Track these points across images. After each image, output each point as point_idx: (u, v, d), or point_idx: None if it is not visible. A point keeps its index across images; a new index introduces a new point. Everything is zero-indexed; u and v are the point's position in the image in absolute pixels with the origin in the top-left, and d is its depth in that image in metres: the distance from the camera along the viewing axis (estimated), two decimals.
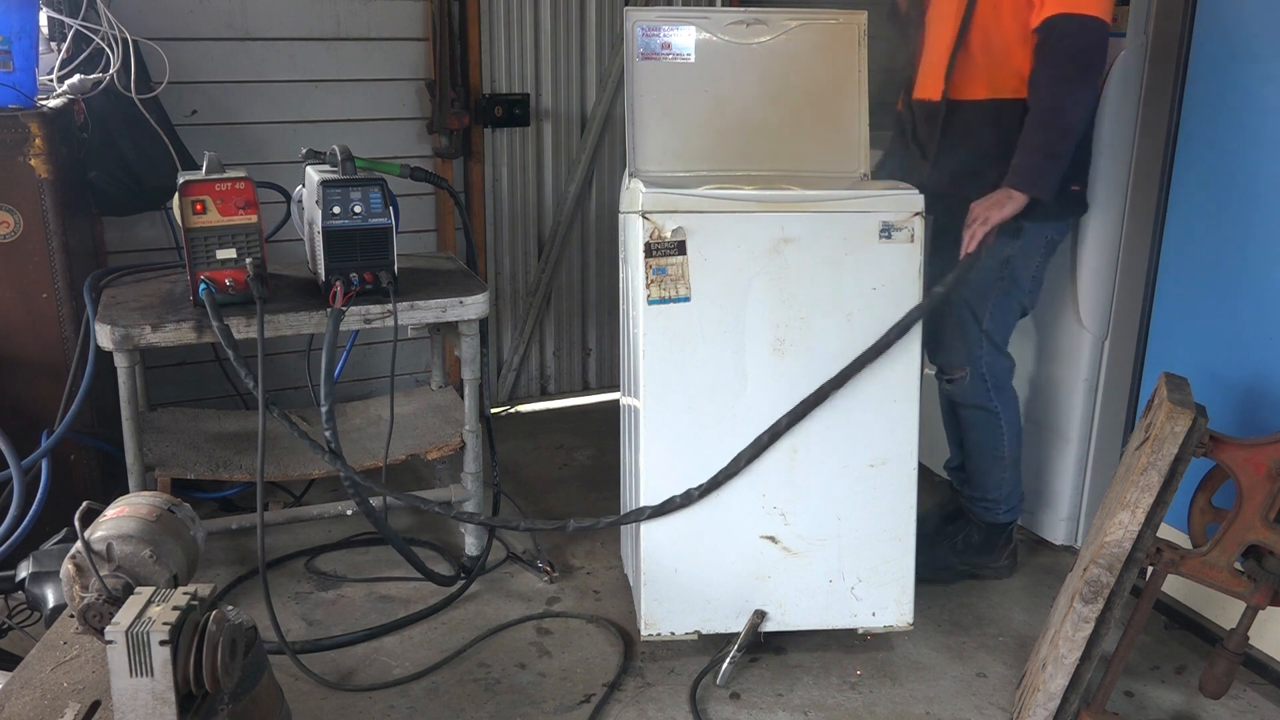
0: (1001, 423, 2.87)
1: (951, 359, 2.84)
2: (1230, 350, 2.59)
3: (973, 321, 2.76)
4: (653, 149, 2.68)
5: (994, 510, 2.95)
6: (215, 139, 3.39)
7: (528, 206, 4.16)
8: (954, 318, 2.78)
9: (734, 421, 2.50)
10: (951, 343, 2.82)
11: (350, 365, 3.55)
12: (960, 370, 2.82)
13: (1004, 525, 2.97)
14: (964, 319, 2.77)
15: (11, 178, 2.68)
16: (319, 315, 2.64)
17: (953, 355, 2.84)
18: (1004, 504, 2.95)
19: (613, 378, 4.35)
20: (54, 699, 1.58)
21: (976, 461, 2.94)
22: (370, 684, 2.52)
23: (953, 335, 2.81)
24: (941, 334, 2.83)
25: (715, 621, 2.61)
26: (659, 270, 2.40)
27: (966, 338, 2.78)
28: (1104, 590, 2.16)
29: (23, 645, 2.13)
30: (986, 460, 2.91)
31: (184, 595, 1.54)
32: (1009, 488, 2.94)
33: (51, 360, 2.80)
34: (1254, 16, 2.46)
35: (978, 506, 2.97)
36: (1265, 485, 2.15)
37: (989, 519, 2.96)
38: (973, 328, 2.77)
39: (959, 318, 2.77)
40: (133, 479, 2.64)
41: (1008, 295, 2.75)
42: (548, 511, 3.45)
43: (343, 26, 3.65)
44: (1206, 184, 2.63)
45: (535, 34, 4.00)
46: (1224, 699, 2.42)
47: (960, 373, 2.83)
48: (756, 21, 2.68)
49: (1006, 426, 2.87)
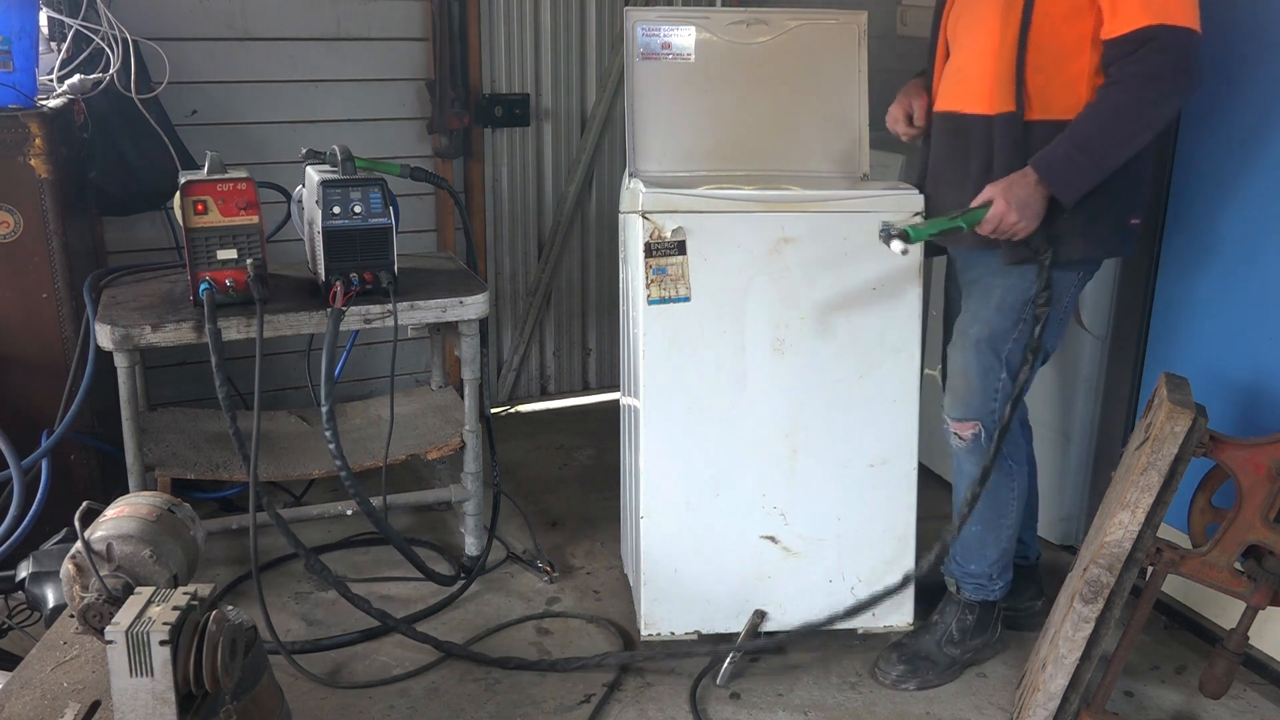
0: (1014, 485, 2.52)
1: (964, 410, 2.45)
2: (1230, 350, 2.59)
3: (993, 368, 2.39)
4: (653, 149, 2.67)
5: (988, 588, 2.58)
6: (215, 139, 3.38)
7: (528, 206, 4.16)
8: (970, 362, 2.42)
9: (734, 421, 2.50)
10: (965, 391, 2.44)
11: (350, 365, 3.54)
12: (972, 425, 2.44)
13: (995, 602, 2.62)
14: (984, 365, 2.40)
15: (11, 178, 2.68)
16: (319, 315, 2.64)
17: (965, 405, 2.45)
18: (1000, 579, 2.59)
19: (613, 378, 4.35)
20: (54, 699, 1.58)
21: (979, 532, 2.53)
22: (370, 683, 2.53)
23: (966, 382, 2.44)
24: (954, 382, 2.48)
25: (715, 621, 2.61)
26: (659, 270, 2.40)
27: (985, 387, 2.41)
28: (1104, 590, 2.16)
29: (23, 645, 2.13)
30: (990, 530, 2.52)
31: (184, 595, 1.54)
32: (1007, 559, 2.59)
33: (51, 360, 2.80)
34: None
35: (969, 584, 2.58)
36: (1265, 485, 2.15)
37: (981, 597, 2.59)
38: (992, 376, 2.40)
39: (977, 364, 2.41)
40: (133, 479, 2.64)
41: (1026, 340, 2.37)
42: (548, 511, 3.45)
43: (343, 26, 3.64)
44: (1206, 183, 2.63)
45: (535, 34, 4.00)
46: (1224, 699, 2.42)
47: (972, 428, 2.44)
48: (756, 21, 2.68)
49: (1017, 489, 2.53)
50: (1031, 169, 2.18)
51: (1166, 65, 2.10)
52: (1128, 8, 2.11)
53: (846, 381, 2.51)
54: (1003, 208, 2.18)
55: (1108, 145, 2.15)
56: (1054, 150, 2.18)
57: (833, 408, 2.52)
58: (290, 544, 2.59)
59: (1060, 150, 2.17)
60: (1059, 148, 2.17)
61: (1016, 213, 2.18)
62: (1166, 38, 2.09)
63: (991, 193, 2.21)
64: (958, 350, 2.46)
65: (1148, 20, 2.09)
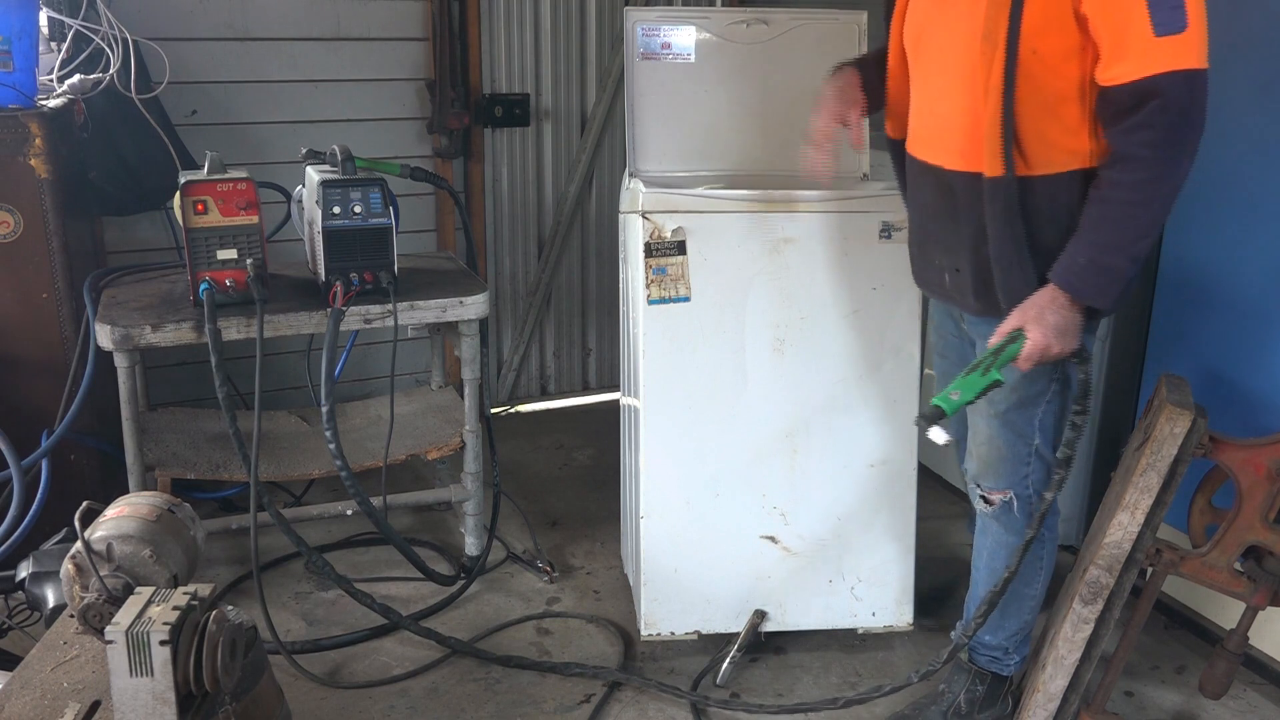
0: (1043, 553, 2.28)
1: (996, 480, 2.22)
2: (1230, 350, 2.59)
3: (1020, 440, 2.16)
4: (653, 149, 2.68)
5: (1003, 661, 2.38)
6: (215, 139, 3.38)
7: (528, 206, 4.16)
8: (997, 431, 2.17)
9: (734, 421, 2.50)
10: (996, 461, 2.20)
11: (350, 365, 3.54)
12: (1003, 493, 2.21)
13: (1008, 676, 2.41)
14: (1015, 433, 2.15)
15: (11, 178, 2.68)
16: (319, 315, 2.64)
17: (997, 476, 2.21)
18: (1016, 653, 2.38)
19: (613, 378, 4.35)
20: (54, 699, 1.58)
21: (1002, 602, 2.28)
22: (370, 683, 2.53)
23: (996, 452, 2.20)
24: (980, 450, 2.23)
25: (715, 621, 2.62)
26: (659, 270, 2.40)
27: (1016, 454, 2.17)
28: (1103, 591, 2.16)
29: (23, 645, 2.13)
30: (1012, 600, 2.28)
31: (184, 595, 1.54)
32: (1026, 632, 2.37)
33: (51, 360, 2.80)
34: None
35: (982, 655, 2.39)
36: (1265, 486, 2.15)
37: (995, 670, 2.38)
38: (1024, 443, 2.15)
39: (1007, 434, 2.16)
40: (133, 479, 2.64)
41: (1062, 400, 2.13)
42: (548, 511, 3.45)
43: (343, 26, 3.65)
44: (1206, 182, 2.63)
45: (535, 34, 4.00)
46: (1224, 699, 2.42)
47: (1003, 495, 2.21)
48: (756, 21, 2.68)
49: (1046, 559, 2.29)
50: (1058, 290, 1.89)
51: (1175, 126, 1.78)
52: (1132, 51, 1.78)
53: (846, 381, 2.51)
54: (1042, 340, 1.90)
55: (1134, 236, 1.86)
56: (1074, 262, 1.88)
57: (833, 408, 2.52)
58: (292, 542, 2.60)
59: (1082, 260, 1.87)
60: (1079, 258, 1.88)
61: (1057, 342, 1.90)
62: (1171, 92, 1.76)
63: (1019, 322, 1.92)
64: (983, 418, 2.18)
65: (1154, 69, 1.76)
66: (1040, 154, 1.91)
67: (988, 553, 2.31)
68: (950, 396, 1.92)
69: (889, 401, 2.53)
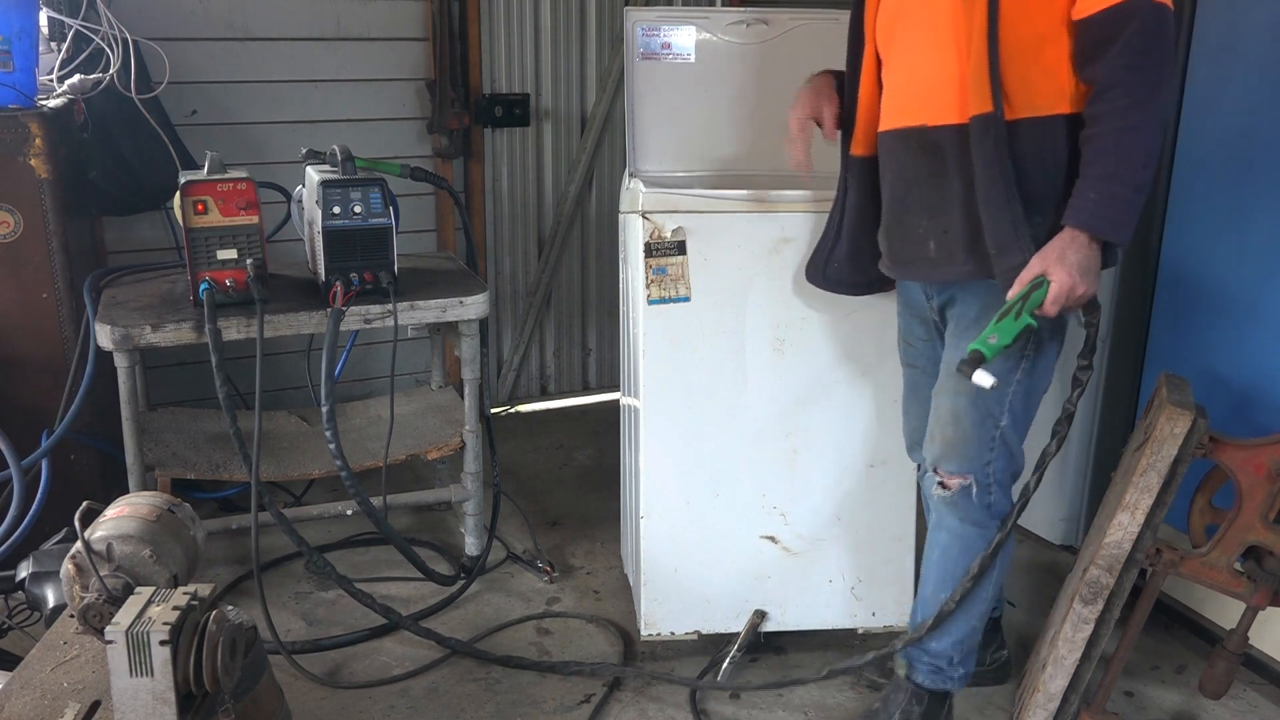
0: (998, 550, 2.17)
1: (957, 463, 2.13)
2: (1230, 350, 2.59)
3: (988, 420, 2.09)
4: (653, 149, 2.68)
5: (946, 673, 2.24)
6: (215, 139, 3.39)
7: (528, 206, 4.16)
8: (962, 409, 2.10)
9: (734, 422, 2.50)
10: (958, 441, 2.12)
11: (350, 365, 3.55)
12: (963, 478, 2.13)
13: (949, 693, 2.28)
14: (982, 412, 2.09)
15: (11, 178, 2.68)
16: (319, 315, 2.64)
17: (959, 458, 2.13)
18: (961, 665, 2.24)
19: (613, 378, 4.35)
20: (54, 699, 1.58)
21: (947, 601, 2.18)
22: (370, 683, 2.53)
23: (959, 431, 2.12)
24: (944, 431, 2.14)
25: (715, 621, 2.62)
26: (659, 270, 2.40)
27: (981, 436, 2.10)
28: (1103, 591, 2.16)
29: (23, 645, 2.13)
30: (964, 602, 2.17)
31: (184, 595, 1.54)
32: (973, 641, 2.24)
33: (51, 360, 2.80)
34: None
35: (923, 666, 2.25)
36: (1265, 486, 2.15)
37: (934, 685, 2.25)
38: (990, 424, 2.09)
39: (974, 411, 2.09)
40: (133, 479, 2.64)
41: (1031, 379, 2.09)
42: (548, 511, 3.45)
43: (343, 26, 3.65)
44: (1207, 182, 2.63)
45: (535, 34, 4.00)
46: (1224, 699, 2.42)
47: (963, 480, 2.13)
48: (757, 21, 2.68)
49: (1002, 555, 2.18)
50: (1075, 230, 1.89)
51: (1152, 49, 1.85)
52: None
53: (846, 381, 2.51)
54: (1067, 280, 1.87)
55: (1134, 164, 1.87)
56: (1085, 200, 1.89)
57: (833, 408, 2.52)
58: (293, 541, 2.60)
59: (1092, 195, 1.89)
60: (1088, 194, 1.89)
61: (1082, 281, 1.88)
62: (1147, 13, 1.83)
63: (1040, 267, 1.90)
64: (949, 396, 2.13)
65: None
66: (1023, 97, 1.94)
67: (940, 549, 2.21)
68: (988, 340, 1.90)
69: (889, 401, 2.52)
